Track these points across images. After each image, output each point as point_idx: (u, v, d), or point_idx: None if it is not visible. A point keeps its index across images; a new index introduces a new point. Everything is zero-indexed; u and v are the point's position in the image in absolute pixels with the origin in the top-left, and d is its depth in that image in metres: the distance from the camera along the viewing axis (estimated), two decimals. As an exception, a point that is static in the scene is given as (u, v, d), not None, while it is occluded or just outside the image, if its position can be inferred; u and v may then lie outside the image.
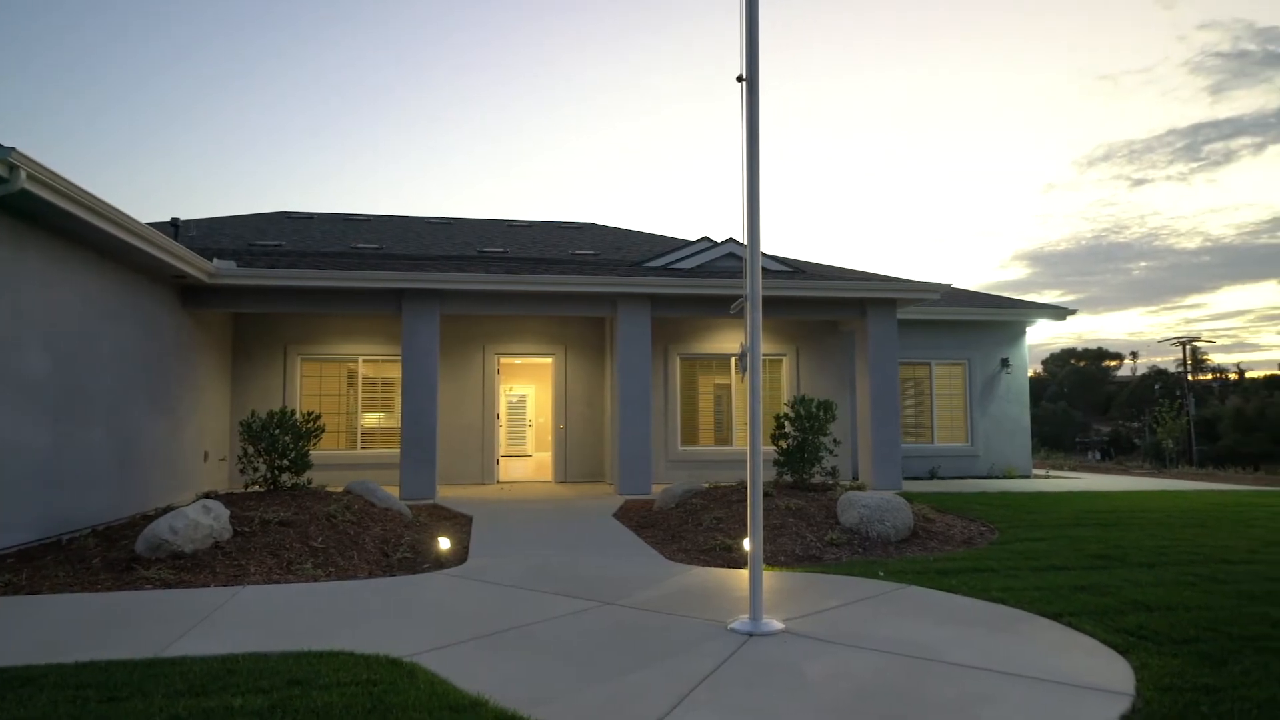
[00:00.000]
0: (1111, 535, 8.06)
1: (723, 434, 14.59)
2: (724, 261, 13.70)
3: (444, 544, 7.55)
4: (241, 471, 9.11)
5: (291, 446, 8.95)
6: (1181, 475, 17.99)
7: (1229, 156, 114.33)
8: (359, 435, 14.00)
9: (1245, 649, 4.37)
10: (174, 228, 13.17)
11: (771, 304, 12.72)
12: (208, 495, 8.52)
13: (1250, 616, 5.00)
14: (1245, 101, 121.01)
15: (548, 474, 15.58)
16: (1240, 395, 47.66)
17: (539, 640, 4.65)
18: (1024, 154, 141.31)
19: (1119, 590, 5.71)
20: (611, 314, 12.75)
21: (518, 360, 16.84)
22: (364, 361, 14.14)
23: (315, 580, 6.29)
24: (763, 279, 12.45)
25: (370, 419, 14.14)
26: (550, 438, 15.50)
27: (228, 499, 8.12)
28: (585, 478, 14.63)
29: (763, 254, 13.74)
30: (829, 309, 13.23)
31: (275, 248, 14.69)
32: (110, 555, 6.71)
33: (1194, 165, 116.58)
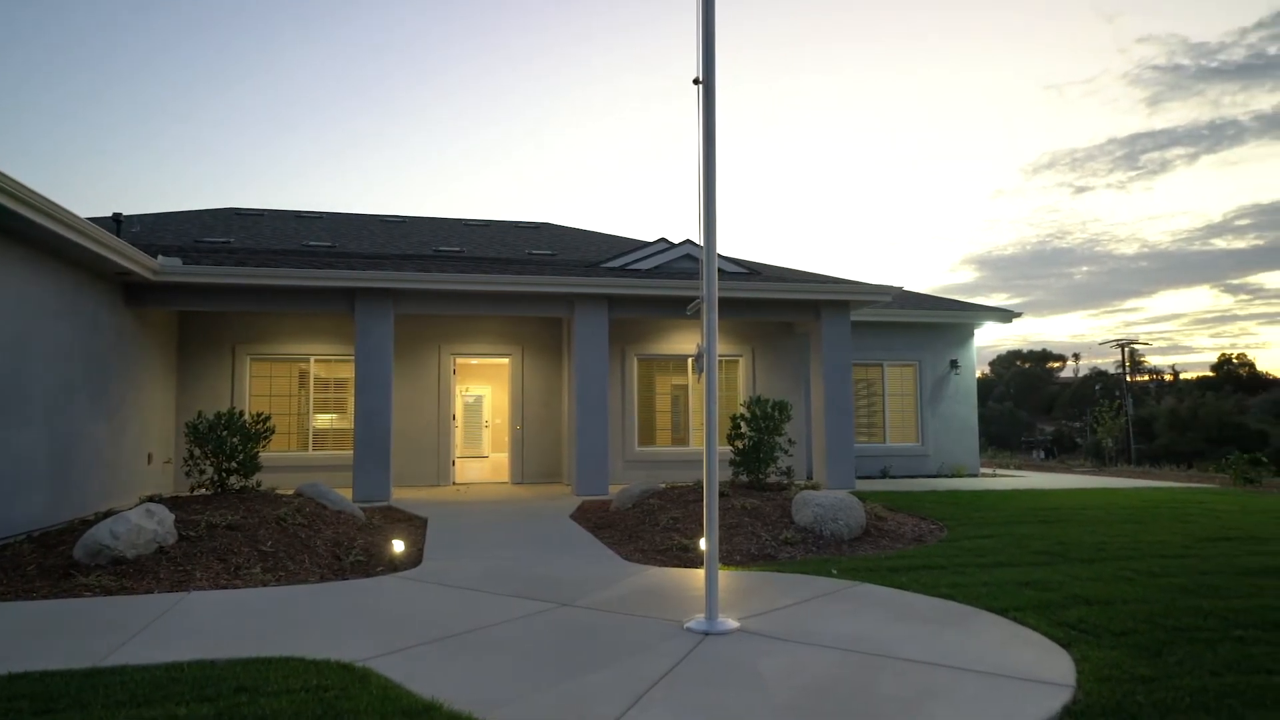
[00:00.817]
0: (1054, 532, 8.31)
1: (680, 434, 14.66)
2: (681, 263, 13.76)
3: (398, 546, 7.45)
4: (187, 474, 8.87)
5: (240, 448, 8.74)
6: (1120, 473, 18.62)
7: (1165, 166, 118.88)
8: (311, 437, 13.73)
9: (1179, 640, 4.54)
10: (116, 223, 12.75)
11: (727, 305, 12.82)
12: (151, 499, 8.27)
13: (1183, 609, 5.20)
14: (1180, 113, 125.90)
15: (505, 475, 15.47)
16: (1175, 396, 49.53)
17: (495, 642, 4.62)
18: (974, 160, 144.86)
19: (1061, 585, 5.89)
20: (569, 314, 12.72)
21: (474, 361, 16.68)
22: (316, 361, 13.87)
23: (265, 585, 6.16)
24: (719, 281, 12.54)
25: (322, 420, 13.88)
26: (507, 439, 15.39)
27: (173, 502, 7.90)
28: (542, 479, 14.56)
29: (719, 256, 13.83)
30: (784, 311, 13.38)
31: (224, 245, 14.33)
32: (47, 562, 6.47)
33: (1132, 174, 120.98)
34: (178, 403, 13.15)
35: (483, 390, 23.59)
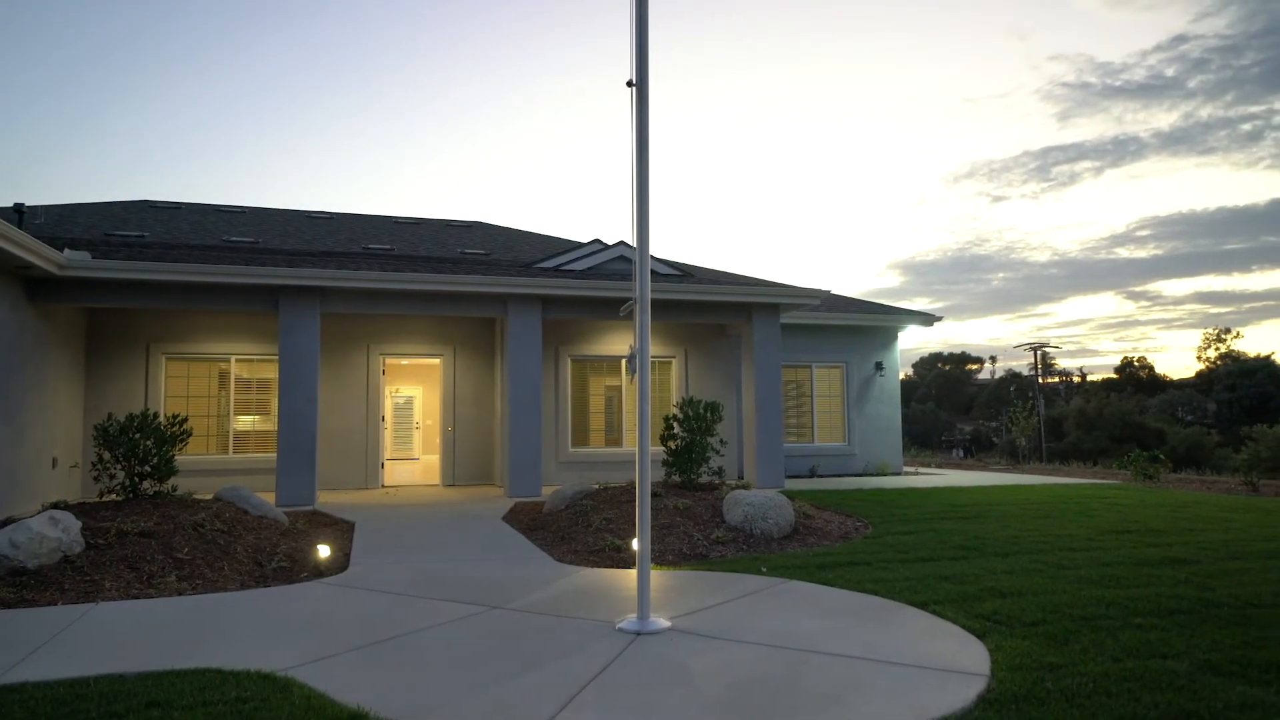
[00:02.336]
0: (971, 528, 8.65)
1: (613, 435, 14.69)
2: (615, 264, 13.80)
3: (324, 552, 7.26)
4: (96, 479, 8.45)
5: (154, 451, 8.37)
6: (1033, 470, 19.49)
7: (1074, 178, 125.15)
8: (231, 439, 13.24)
9: (1083, 629, 4.80)
10: (18, 214, 12.04)
11: (661, 307, 12.91)
12: (56, 505, 7.84)
13: (1088, 599, 5.49)
14: (1087, 129, 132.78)
15: (436, 477, 15.22)
16: (1082, 397, 52.17)
17: (424, 648, 4.55)
18: (898, 168, 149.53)
19: (977, 578, 6.15)
20: (502, 315, 12.61)
21: (404, 361, 16.36)
22: (237, 361, 13.38)
23: (180, 594, 5.92)
24: (653, 282, 12.65)
25: (244, 422, 13.40)
26: (438, 440, 15.15)
27: (80, 509, 7.51)
28: (474, 480, 14.39)
29: (653, 258, 13.94)
30: (717, 313, 13.56)
31: (137, 239, 13.69)
32: (-62, 574, 6.07)
33: (1044, 185, 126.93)
34: (86, 404, 12.50)
35: (413, 391, 23.15)
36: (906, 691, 3.80)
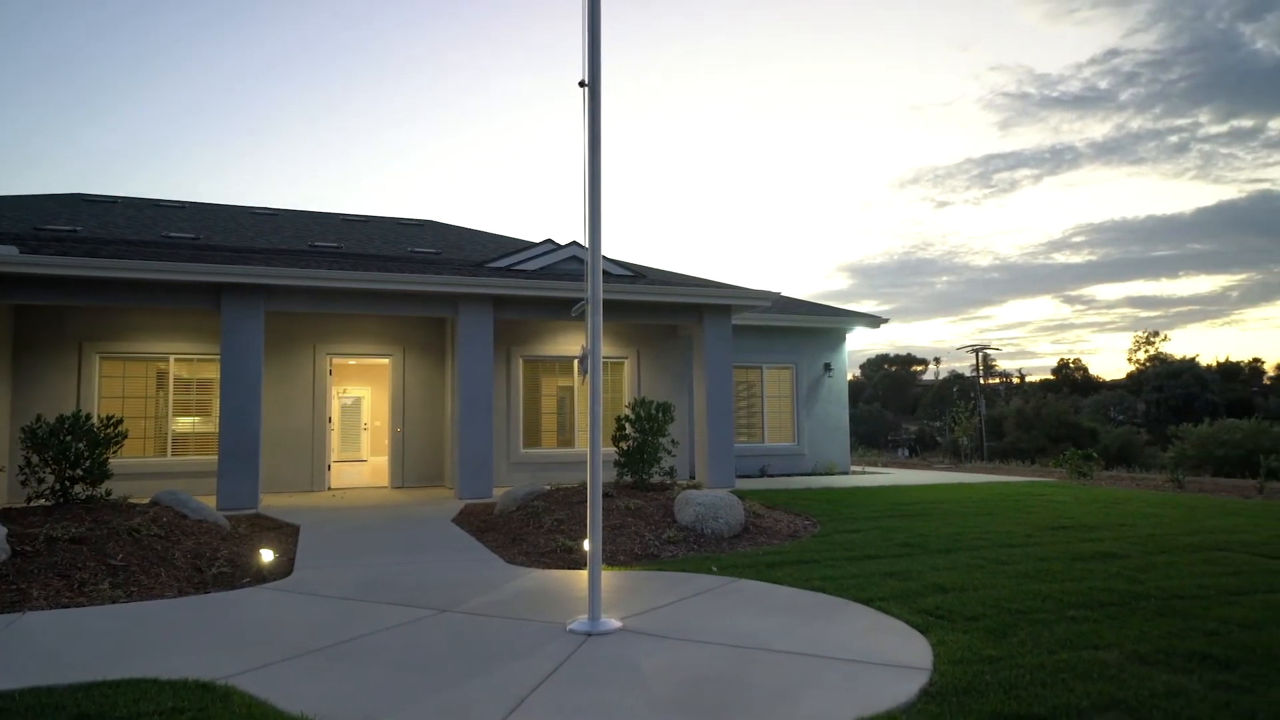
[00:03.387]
0: (916, 525, 8.86)
1: (565, 436, 14.64)
2: (568, 264, 13.76)
3: (267, 556, 7.09)
4: (23, 484, 8.10)
5: (86, 454, 8.06)
6: (974, 469, 20.03)
7: (1014, 185, 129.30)
8: (170, 441, 12.82)
9: (1021, 622, 4.96)
10: (-62, 205, 11.47)
11: (613, 308, 12.92)
12: (-20, 511, 7.49)
13: (1026, 593, 5.67)
14: (1027, 137, 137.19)
15: (384, 479, 14.97)
16: (1021, 397, 53.85)
17: (371, 653, 4.48)
18: (847, 173, 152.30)
19: (921, 575, 6.30)
20: (453, 315, 12.47)
21: (352, 361, 16.05)
22: (176, 361, 12.97)
23: (114, 602, 5.71)
24: (605, 283, 12.62)
25: (183, 423, 12.99)
26: (387, 442, 14.90)
27: (5, 515, 7.19)
28: (424, 482, 14.19)
29: (605, 258, 13.93)
30: (669, 314, 13.62)
31: (70, 234, 13.17)
32: None
33: (986, 192, 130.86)
34: (14, 406, 11.98)
35: (361, 392, 22.73)
36: (853, 686, 3.88)
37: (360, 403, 22.81)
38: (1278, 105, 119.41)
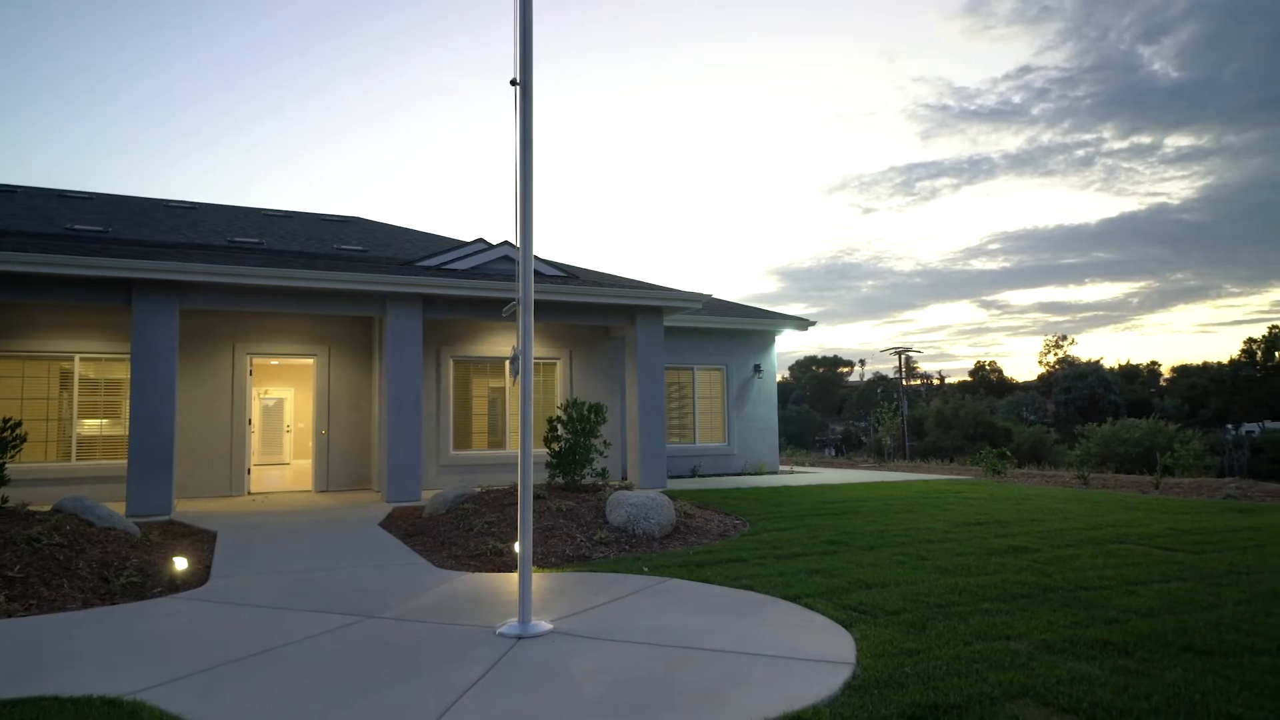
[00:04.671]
0: (841, 523, 9.10)
1: (496, 437, 14.49)
2: (499, 264, 13.63)
3: (180, 564, 6.80)
4: (-91, 491, 7.56)
5: (-19, 460, 7.58)
6: (897, 467, 20.67)
7: (934, 194, 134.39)
8: (75, 445, 12.15)
9: (939, 615, 5.15)
10: None
11: (545, 308, 12.86)
12: None
13: (944, 588, 5.90)
14: (947, 148, 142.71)
15: (308, 483, 14.52)
16: (941, 398, 55.84)
17: (293, 662, 4.35)
18: (778, 178, 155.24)
19: (845, 571, 6.48)
20: (381, 314, 12.20)
21: (275, 361, 15.51)
22: (82, 360, 12.30)
23: (11, 616, 5.39)
24: (537, 283, 12.58)
25: (90, 426, 12.32)
26: (311, 444, 14.46)
27: (-112, 525, 6.70)
28: (350, 485, 13.83)
29: (537, 259, 13.85)
30: (601, 315, 13.63)
31: (-39, 223, 12.34)
32: None
33: (909, 199, 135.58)
34: (-104, 407, 11.16)
35: (284, 393, 21.99)
36: (779, 683, 3.97)
37: (283, 404, 22.06)
38: (1173, 124, 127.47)
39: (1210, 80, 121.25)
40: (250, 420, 13.28)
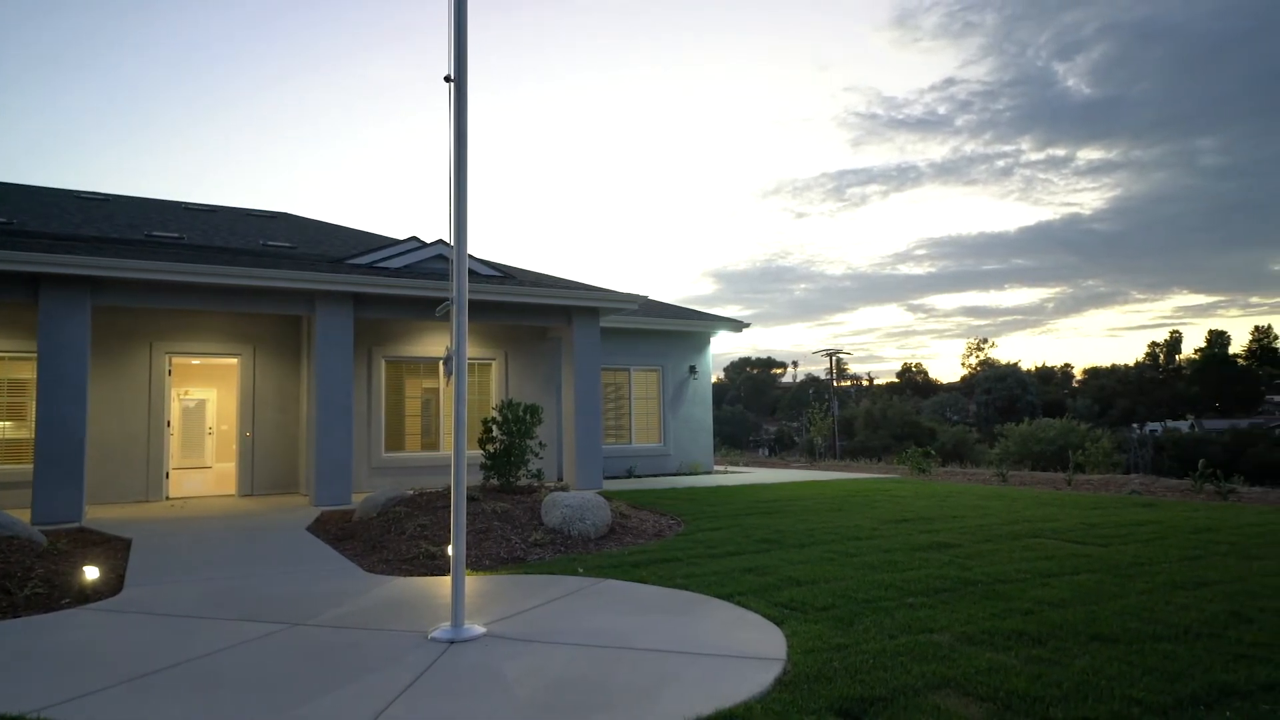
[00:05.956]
0: (774, 522, 9.26)
1: (430, 439, 14.25)
2: (433, 263, 13.41)
3: (91, 574, 6.48)
4: None
5: None
6: (828, 466, 21.14)
7: (864, 200, 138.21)
8: (-28, 449, 11.44)
9: (866, 610, 5.30)
10: None
11: (480, 308, 12.71)
12: None
13: (871, 583, 6.07)
14: (876, 155, 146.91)
15: (231, 487, 14.01)
16: (870, 399, 57.42)
17: (214, 674, 4.20)
18: (715, 181, 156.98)
19: (777, 569, 6.60)
20: (310, 313, 11.86)
21: (196, 360, 14.91)
22: (-19, 359, 11.59)
23: (-98, 632, 5.05)
24: (472, 283, 12.41)
25: (-11, 428, 11.62)
26: (235, 447, 13.95)
27: None
28: (276, 489, 13.40)
29: (473, 258, 13.67)
30: (537, 315, 13.55)
31: None
32: None
33: (840, 205, 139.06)
34: None
35: (206, 393, 21.15)
36: (712, 680, 4.02)
37: (205, 405, 21.22)
38: (1085, 138, 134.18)
39: (1120, 97, 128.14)
40: (169, 422, 12.75)
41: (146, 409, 12.48)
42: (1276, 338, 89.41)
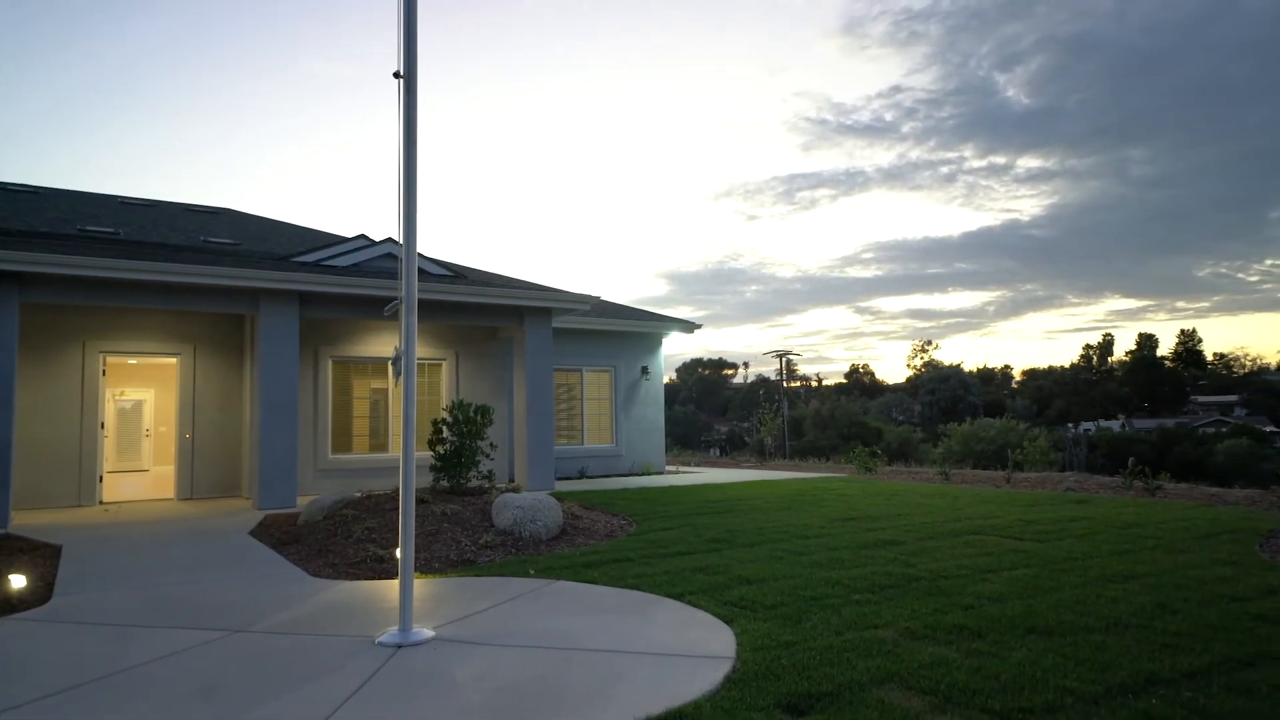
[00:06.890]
0: (724, 521, 9.35)
1: (379, 440, 14.01)
2: (382, 261, 13.19)
3: (17, 582, 6.22)
4: None
5: None
6: (778, 466, 21.41)
7: (814, 203, 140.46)
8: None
9: (814, 608, 5.40)
10: None
11: (430, 308, 12.55)
12: None
13: (818, 581, 6.17)
14: (825, 160, 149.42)
15: (170, 490, 13.56)
16: (819, 399, 58.37)
17: (151, 683, 4.07)
18: (667, 183, 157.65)
19: (727, 568, 6.67)
20: (254, 311, 11.55)
21: (132, 360, 14.41)
22: (-102, 357, 11.00)
23: None
24: (422, 282, 12.24)
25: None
26: (174, 449, 13.52)
27: None
28: (218, 493, 13.02)
29: (423, 257, 13.49)
30: (489, 315, 13.43)
31: None
32: None
33: (790, 208, 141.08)
34: None
35: (144, 394, 20.43)
36: (663, 680, 4.05)
37: (142, 406, 20.50)
38: (1024, 146, 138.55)
39: (1056, 108, 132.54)
40: (103, 424, 12.29)
41: (79, 410, 12.01)
42: (1200, 341, 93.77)
